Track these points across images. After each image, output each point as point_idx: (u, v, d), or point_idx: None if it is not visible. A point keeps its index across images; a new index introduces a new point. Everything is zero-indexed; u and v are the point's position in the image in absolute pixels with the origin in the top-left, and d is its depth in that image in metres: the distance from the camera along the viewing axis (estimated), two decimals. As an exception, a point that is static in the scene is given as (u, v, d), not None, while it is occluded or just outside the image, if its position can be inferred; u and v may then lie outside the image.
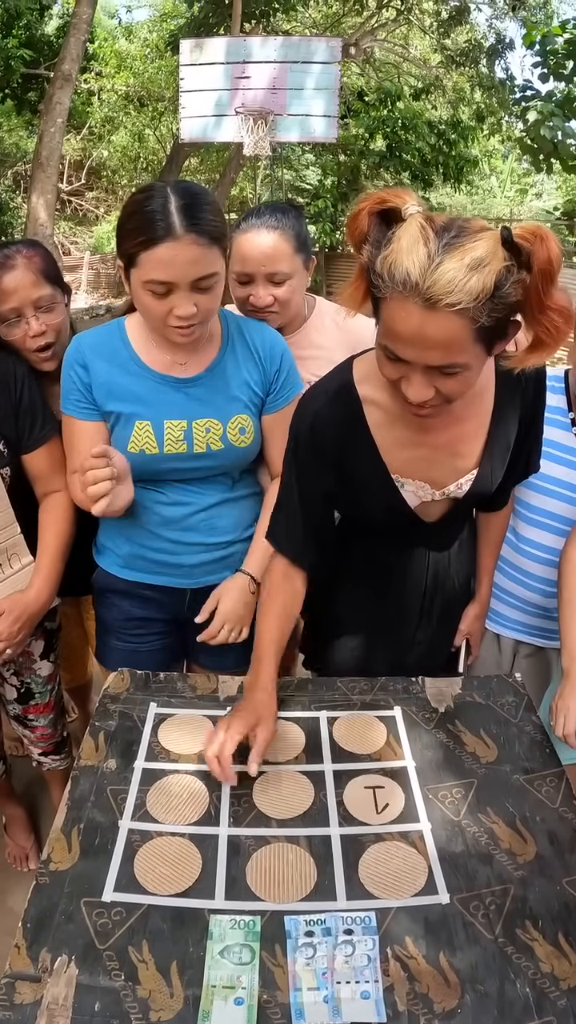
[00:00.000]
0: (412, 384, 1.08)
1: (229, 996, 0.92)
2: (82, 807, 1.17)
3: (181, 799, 1.19)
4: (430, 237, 0.96)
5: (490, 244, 0.95)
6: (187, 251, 1.25)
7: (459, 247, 0.95)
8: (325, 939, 0.98)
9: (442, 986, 0.93)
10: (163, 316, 1.31)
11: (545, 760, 1.28)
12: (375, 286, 1.03)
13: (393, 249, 0.98)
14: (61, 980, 0.93)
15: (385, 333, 1.06)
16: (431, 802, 1.19)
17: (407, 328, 1.00)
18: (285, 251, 1.62)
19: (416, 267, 0.95)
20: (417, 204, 1.00)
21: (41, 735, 1.91)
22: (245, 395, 1.48)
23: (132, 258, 1.28)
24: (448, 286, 0.94)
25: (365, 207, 1.03)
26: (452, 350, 1.01)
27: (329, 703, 1.40)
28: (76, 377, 1.43)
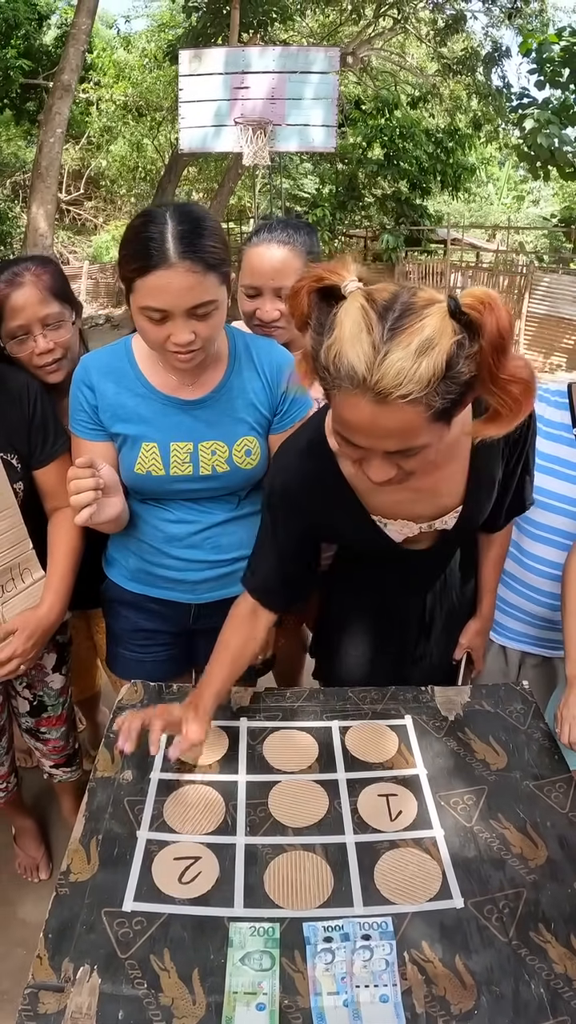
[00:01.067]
0: (372, 466, 1.03)
1: (251, 1002, 0.93)
2: (100, 818, 1.18)
3: (198, 809, 1.20)
4: (373, 322, 0.88)
5: (437, 321, 0.87)
6: (181, 279, 1.22)
7: (405, 330, 0.87)
8: (343, 944, 1.00)
9: (459, 988, 0.95)
10: (161, 342, 1.30)
11: (554, 766, 1.30)
12: (321, 376, 0.96)
13: (336, 338, 0.90)
14: (84, 989, 0.95)
15: (337, 421, 1.00)
16: (443, 809, 1.21)
17: (358, 421, 0.95)
18: (294, 266, 1.60)
19: (361, 361, 0.88)
20: (356, 279, 0.93)
21: (53, 747, 1.92)
22: (251, 417, 1.47)
23: (129, 283, 1.27)
24: (396, 379, 0.87)
25: (303, 286, 0.96)
26: (408, 436, 0.96)
27: (341, 713, 1.42)
28: (83, 398, 1.43)
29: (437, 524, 1.31)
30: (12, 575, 1.48)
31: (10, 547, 1.47)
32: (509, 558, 1.74)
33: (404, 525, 1.30)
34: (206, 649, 1.70)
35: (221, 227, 1.32)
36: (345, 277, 0.92)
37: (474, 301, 0.87)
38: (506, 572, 1.75)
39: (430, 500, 1.28)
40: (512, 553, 1.73)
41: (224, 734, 1.37)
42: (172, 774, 1.28)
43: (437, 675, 1.60)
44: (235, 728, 1.38)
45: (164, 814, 1.20)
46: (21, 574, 1.51)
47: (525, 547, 1.71)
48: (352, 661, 1.61)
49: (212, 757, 1.31)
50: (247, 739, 1.36)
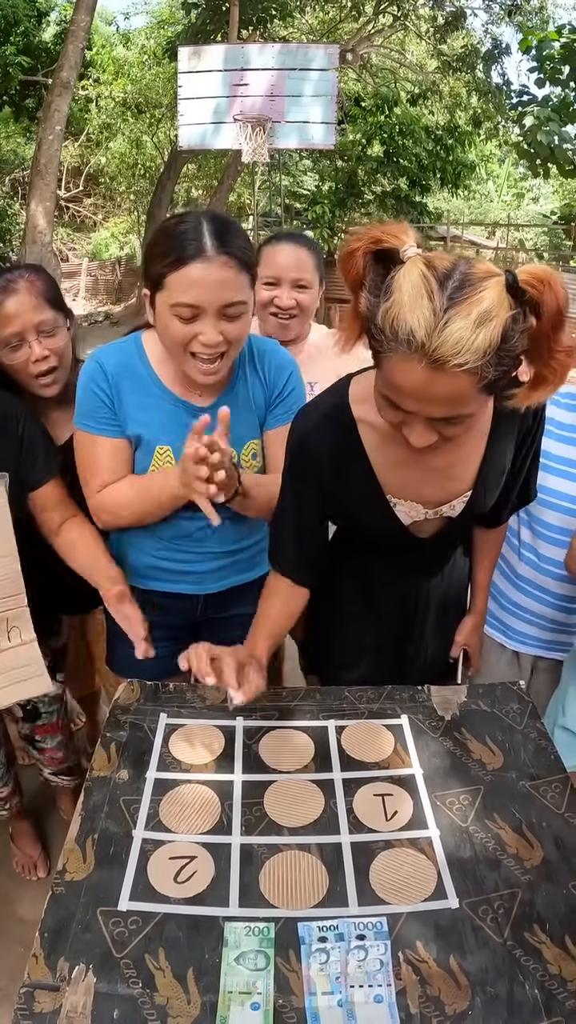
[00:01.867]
0: (415, 431, 1.06)
1: (245, 1001, 0.94)
2: (96, 818, 1.19)
3: (194, 808, 1.21)
4: (434, 289, 0.90)
5: (496, 294, 0.90)
6: (218, 272, 1.23)
7: (465, 300, 0.89)
8: (338, 944, 1.00)
9: (453, 989, 0.95)
10: (186, 342, 1.28)
11: (550, 766, 1.30)
12: (375, 338, 0.98)
13: (395, 301, 0.92)
14: (79, 988, 0.95)
15: (386, 384, 1.02)
16: (439, 809, 1.21)
17: (410, 385, 0.97)
18: (310, 264, 1.82)
19: (421, 326, 0.90)
20: (415, 243, 0.95)
21: (51, 758, 1.91)
22: (254, 419, 1.49)
23: (160, 280, 1.26)
24: (456, 347, 0.89)
25: (360, 247, 0.97)
26: (457, 404, 0.99)
27: (337, 712, 1.42)
28: (101, 394, 1.41)
29: (444, 509, 1.32)
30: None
31: (3, 598, 1.37)
32: (523, 562, 1.74)
33: (412, 507, 1.30)
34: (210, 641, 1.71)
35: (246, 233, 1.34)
36: (405, 241, 0.94)
37: (532, 279, 0.90)
38: (520, 576, 1.75)
39: (441, 483, 1.29)
40: (526, 556, 1.73)
41: (220, 733, 1.37)
42: (168, 773, 1.28)
43: (431, 673, 1.60)
44: (231, 727, 1.38)
45: (160, 813, 1.20)
46: (9, 632, 1.38)
47: (540, 550, 1.70)
48: (348, 658, 1.61)
49: (208, 756, 1.31)
50: (243, 738, 1.36)
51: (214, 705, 1.45)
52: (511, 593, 1.79)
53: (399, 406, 1.03)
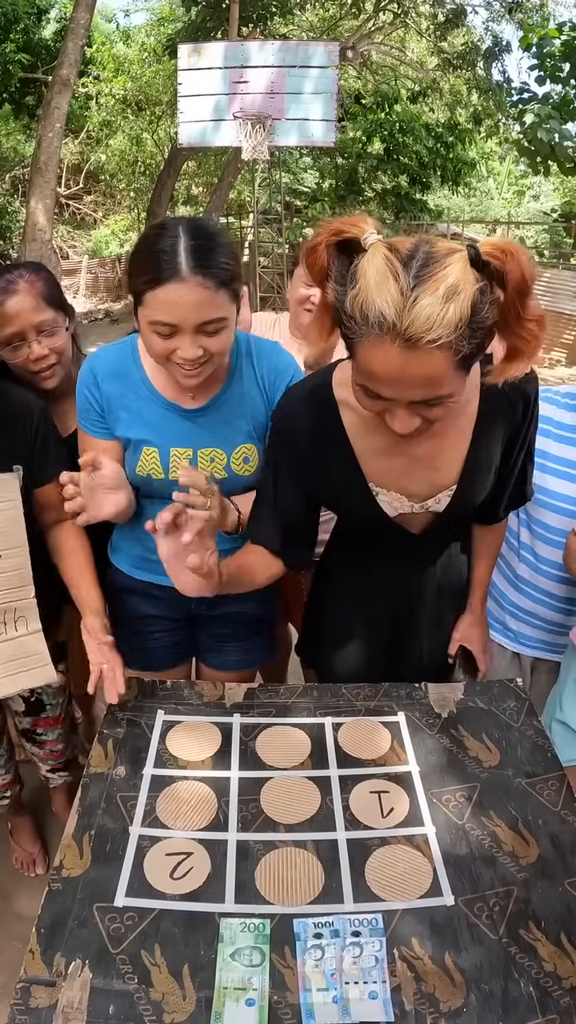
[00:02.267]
0: (397, 417, 1.06)
1: (241, 997, 0.94)
2: (92, 814, 1.19)
3: (190, 805, 1.21)
4: (398, 270, 0.91)
5: (460, 268, 0.90)
6: (192, 294, 1.21)
7: (430, 277, 0.90)
8: (333, 941, 1.00)
9: (448, 986, 0.96)
10: (167, 355, 1.28)
11: (546, 763, 1.30)
12: (346, 327, 0.98)
13: (361, 287, 0.93)
14: (76, 984, 0.95)
15: (362, 373, 1.02)
16: (435, 806, 1.21)
17: (387, 369, 0.97)
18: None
19: (390, 306, 0.90)
20: (375, 231, 0.96)
21: (50, 751, 1.91)
22: (249, 424, 1.47)
23: (139, 296, 1.26)
24: (427, 323, 0.89)
25: (321, 240, 0.98)
26: (435, 384, 0.98)
27: (334, 709, 1.42)
28: (92, 397, 1.44)
29: (430, 503, 1.32)
30: (5, 619, 1.41)
31: (11, 588, 1.41)
32: (523, 563, 1.73)
33: (396, 498, 1.30)
34: (206, 638, 1.71)
35: (234, 245, 1.32)
36: (365, 230, 0.95)
37: (494, 250, 0.91)
38: (519, 578, 1.75)
39: (425, 475, 1.28)
40: (525, 558, 1.73)
41: (217, 730, 1.37)
42: (165, 770, 1.28)
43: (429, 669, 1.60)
44: (228, 724, 1.39)
45: (157, 810, 1.20)
46: (15, 621, 1.42)
47: (539, 551, 1.70)
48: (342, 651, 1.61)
49: (205, 753, 1.32)
50: (240, 735, 1.36)
51: (211, 702, 1.46)
52: (511, 594, 1.79)
53: (378, 394, 1.03)
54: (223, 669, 1.71)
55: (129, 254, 1.31)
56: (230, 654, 1.72)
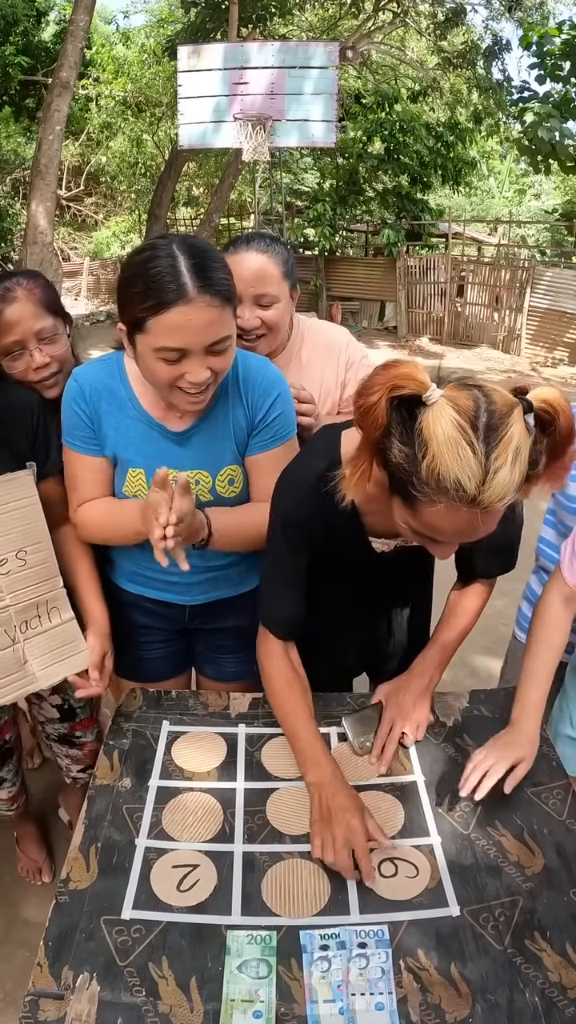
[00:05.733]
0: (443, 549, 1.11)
1: (248, 1009, 0.94)
2: (99, 826, 1.19)
3: (196, 816, 1.21)
4: (472, 438, 0.90)
5: (520, 428, 0.92)
6: (202, 314, 1.16)
7: (499, 442, 0.91)
8: (340, 952, 1.01)
9: (454, 996, 0.96)
10: (173, 382, 1.23)
11: (552, 773, 1.31)
12: (414, 488, 0.97)
13: (436, 454, 0.91)
14: (84, 997, 0.96)
15: (426, 526, 1.03)
16: (440, 816, 1.22)
17: (458, 527, 1.00)
18: (273, 274, 1.58)
19: (472, 480, 0.91)
20: (434, 384, 0.94)
21: (89, 751, 1.91)
22: (234, 445, 1.43)
23: (139, 324, 1.19)
24: (502, 492, 0.92)
25: (380, 396, 0.94)
26: (491, 527, 1.03)
27: (339, 719, 1.42)
28: (81, 413, 1.40)
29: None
30: (39, 612, 1.42)
31: (40, 582, 1.42)
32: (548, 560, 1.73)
33: (385, 543, 1.33)
34: (203, 650, 1.71)
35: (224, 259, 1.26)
36: (426, 385, 0.93)
37: (546, 405, 0.94)
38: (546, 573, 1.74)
39: None
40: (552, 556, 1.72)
41: (222, 740, 1.38)
42: (170, 781, 1.29)
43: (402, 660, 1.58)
44: (233, 734, 1.39)
45: (163, 822, 1.21)
46: (48, 612, 1.44)
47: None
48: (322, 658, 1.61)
49: (210, 764, 1.32)
50: (245, 745, 1.36)
51: (216, 712, 1.46)
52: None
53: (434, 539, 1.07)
54: (221, 680, 1.72)
55: (118, 281, 1.23)
56: (227, 665, 1.71)
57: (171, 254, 1.16)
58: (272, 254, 1.58)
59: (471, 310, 13.05)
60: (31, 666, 1.40)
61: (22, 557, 1.39)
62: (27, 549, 1.39)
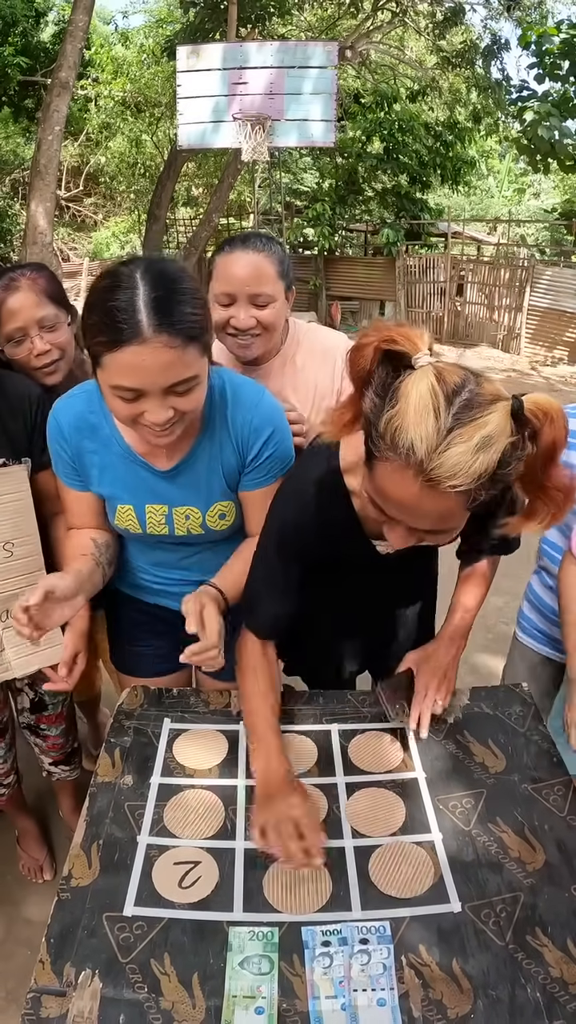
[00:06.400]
0: (395, 533, 1.06)
1: (250, 1006, 0.95)
2: (100, 823, 1.20)
3: (198, 814, 1.22)
4: (441, 406, 0.88)
5: (500, 419, 0.88)
6: (158, 355, 1.07)
7: (470, 422, 0.87)
8: (341, 948, 1.01)
9: (455, 992, 0.96)
10: (133, 419, 1.16)
11: (552, 769, 1.31)
12: (372, 441, 0.96)
13: (400, 411, 0.90)
14: (86, 994, 0.96)
15: (376, 490, 1.01)
16: (442, 812, 1.22)
17: (401, 497, 0.96)
18: (269, 274, 1.56)
19: (423, 443, 0.88)
20: (429, 352, 0.92)
21: (52, 744, 1.95)
22: (223, 482, 1.39)
23: (96, 357, 1.11)
24: (452, 470, 0.88)
25: (372, 343, 0.94)
26: (443, 521, 0.99)
27: (340, 716, 1.43)
28: (62, 451, 1.36)
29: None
30: None
31: (25, 574, 1.44)
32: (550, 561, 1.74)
33: (387, 545, 1.30)
34: None
35: (199, 286, 1.15)
36: (420, 348, 0.92)
37: (537, 409, 0.89)
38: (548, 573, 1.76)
39: None
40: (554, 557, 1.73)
41: (224, 737, 1.38)
42: (172, 779, 1.29)
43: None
44: (235, 732, 1.39)
45: (164, 819, 1.21)
46: None
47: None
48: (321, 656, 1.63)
49: (212, 761, 1.32)
50: (246, 743, 1.36)
51: (217, 710, 1.46)
52: (554, 604, 1.78)
53: (383, 511, 1.02)
54: (219, 679, 1.71)
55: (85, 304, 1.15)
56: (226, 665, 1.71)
57: (132, 285, 1.07)
58: (268, 253, 1.57)
59: (470, 309, 13.05)
60: (7, 655, 1.44)
61: (9, 549, 1.42)
62: (14, 542, 1.42)
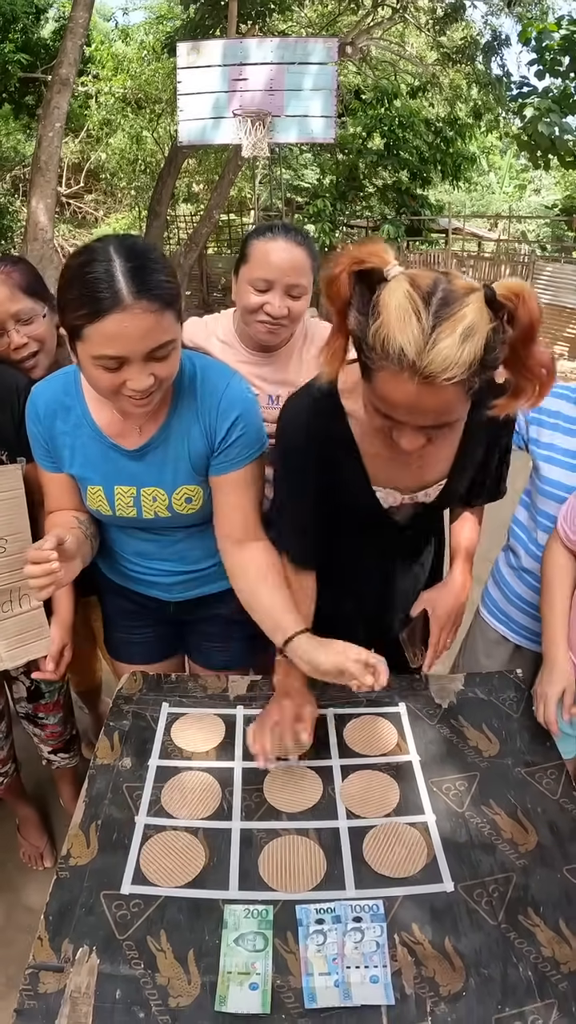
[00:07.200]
0: (405, 436, 1.11)
1: (244, 982, 0.96)
2: (99, 804, 1.21)
3: (195, 795, 1.23)
4: (420, 307, 0.94)
5: (477, 308, 0.94)
6: (139, 321, 1.11)
7: (449, 317, 0.93)
8: (335, 926, 1.02)
9: (447, 970, 0.98)
10: (116, 389, 1.19)
11: (546, 753, 1.32)
12: (365, 355, 1.02)
13: (383, 321, 0.96)
14: (83, 970, 0.97)
15: (377, 397, 1.06)
16: (435, 795, 1.23)
17: (402, 399, 1.01)
18: (307, 267, 1.64)
19: (411, 345, 0.94)
20: (397, 262, 0.98)
21: (51, 733, 1.97)
22: (189, 464, 1.40)
23: (76, 331, 1.13)
24: (444, 363, 0.93)
25: (343, 269, 1.00)
26: (445, 413, 1.04)
27: (335, 701, 1.44)
28: (37, 432, 1.40)
29: (420, 495, 1.36)
30: (11, 598, 1.48)
31: (16, 570, 1.45)
32: (527, 554, 1.75)
33: (391, 494, 1.35)
34: (194, 638, 1.73)
35: (167, 258, 1.21)
36: (388, 261, 0.98)
37: (508, 292, 0.95)
38: (524, 568, 1.77)
39: (419, 472, 1.34)
40: (530, 548, 1.74)
41: (221, 721, 1.39)
42: (170, 761, 1.30)
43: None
44: (232, 716, 1.41)
45: (162, 800, 1.22)
46: (20, 599, 1.50)
47: (540, 541, 1.71)
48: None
49: (209, 744, 1.34)
50: (243, 726, 1.38)
51: (215, 694, 1.48)
52: (515, 585, 1.81)
53: (390, 416, 1.07)
54: (208, 667, 1.72)
55: (58, 286, 1.17)
56: (212, 652, 1.72)
57: (108, 258, 1.11)
58: (306, 248, 1.65)
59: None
60: None
61: (2, 545, 1.44)
62: (7, 538, 1.44)
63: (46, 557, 1.18)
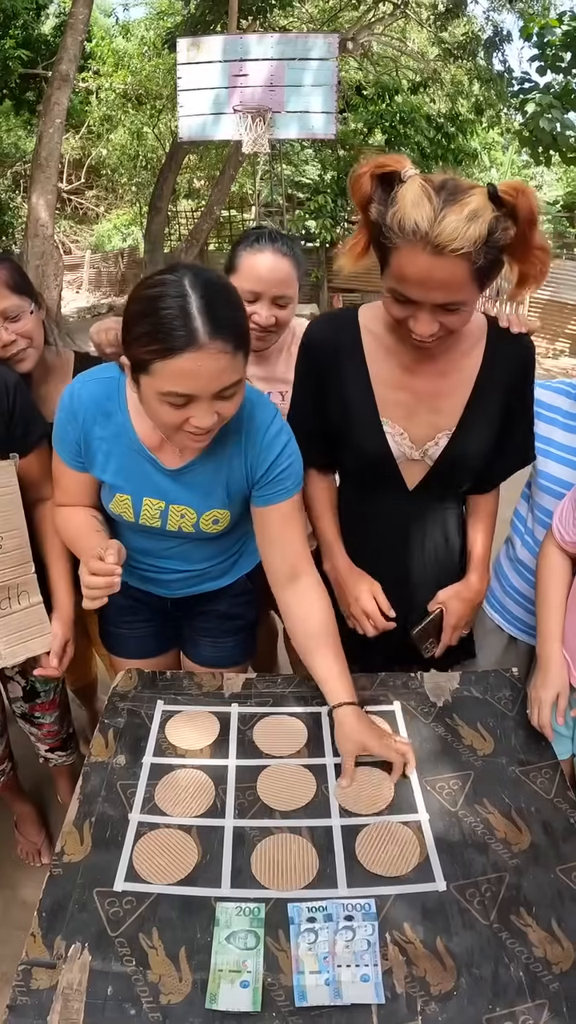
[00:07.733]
0: (420, 320, 1.25)
1: (235, 979, 0.96)
2: (93, 801, 1.21)
3: (188, 792, 1.23)
4: (432, 194, 1.13)
5: (481, 198, 1.13)
6: (212, 362, 1.09)
7: (457, 202, 1.12)
8: (326, 925, 1.02)
9: (439, 970, 0.98)
10: (179, 425, 1.18)
11: (540, 752, 1.32)
12: (385, 237, 1.19)
13: (400, 206, 1.15)
14: (75, 966, 0.97)
15: (395, 278, 1.22)
16: (429, 793, 1.23)
17: (416, 272, 1.17)
18: (293, 277, 1.72)
19: (424, 219, 1.12)
20: (412, 168, 1.18)
21: (48, 732, 1.97)
22: (224, 492, 1.39)
23: (144, 364, 1.12)
24: (453, 234, 1.11)
25: (367, 171, 1.20)
26: (455, 289, 1.19)
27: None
28: (72, 432, 1.37)
29: (429, 446, 1.43)
30: (9, 594, 1.49)
31: (13, 566, 1.48)
32: (524, 547, 1.75)
33: (399, 433, 1.43)
34: (188, 632, 1.73)
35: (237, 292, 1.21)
36: (405, 165, 1.19)
37: (508, 188, 1.14)
38: (520, 561, 1.77)
39: (428, 416, 1.44)
40: (527, 542, 1.75)
41: (216, 719, 1.39)
42: (164, 758, 1.30)
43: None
44: (226, 713, 1.41)
45: (155, 797, 1.22)
46: (19, 596, 1.51)
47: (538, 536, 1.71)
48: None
49: (203, 742, 1.34)
50: (238, 724, 1.38)
51: (210, 692, 1.48)
52: (512, 577, 1.81)
53: (406, 297, 1.23)
54: (202, 664, 1.72)
55: (126, 313, 1.16)
56: (206, 649, 1.72)
57: (182, 292, 1.09)
58: (292, 257, 1.73)
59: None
60: None
61: None
62: (3, 535, 1.45)
63: (112, 570, 1.22)
